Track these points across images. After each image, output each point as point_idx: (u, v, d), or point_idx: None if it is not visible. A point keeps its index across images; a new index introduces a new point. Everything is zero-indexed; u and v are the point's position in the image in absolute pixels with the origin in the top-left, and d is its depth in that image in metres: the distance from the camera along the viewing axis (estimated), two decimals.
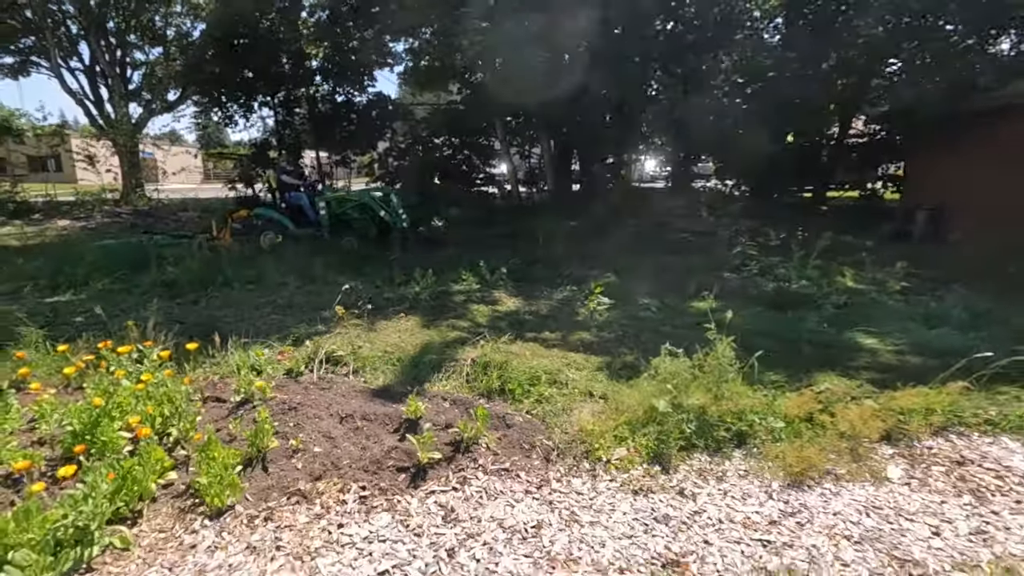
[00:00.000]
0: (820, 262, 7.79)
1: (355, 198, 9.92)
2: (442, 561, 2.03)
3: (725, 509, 2.37)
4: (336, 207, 9.62)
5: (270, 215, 9.71)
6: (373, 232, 9.39)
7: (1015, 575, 1.98)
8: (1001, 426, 3.07)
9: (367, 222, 9.47)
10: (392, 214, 9.40)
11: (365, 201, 9.63)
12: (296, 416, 3.00)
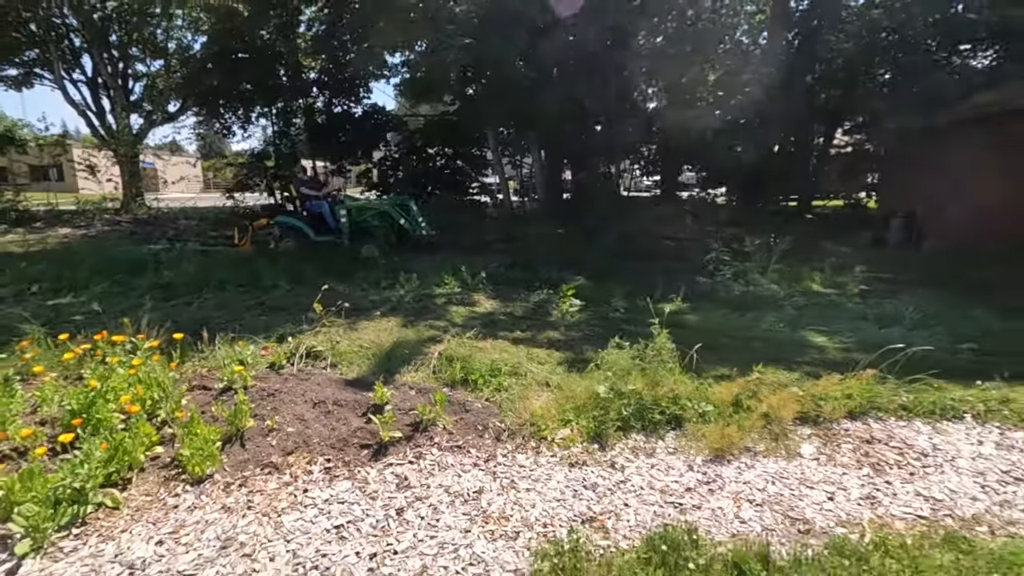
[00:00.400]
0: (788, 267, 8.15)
1: (375, 206, 10.18)
2: (391, 518, 2.33)
3: (648, 479, 2.68)
4: (356, 215, 9.87)
5: (291, 223, 10.02)
6: (392, 239, 9.62)
7: (887, 529, 2.28)
8: (915, 411, 3.38)
9: (386, 229, 9.70)
10: (412, 222, 9.69)
11: (385, 209, 9.89)
12: (274, 401, 3.31)
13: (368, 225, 9.80)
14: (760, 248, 9.02)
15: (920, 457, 2.90)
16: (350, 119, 17.19)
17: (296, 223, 9.98)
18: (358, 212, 9.93)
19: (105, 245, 11.03)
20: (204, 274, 7.61)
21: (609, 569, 1.98)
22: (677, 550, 2.04)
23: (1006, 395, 3.51)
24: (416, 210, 9.88)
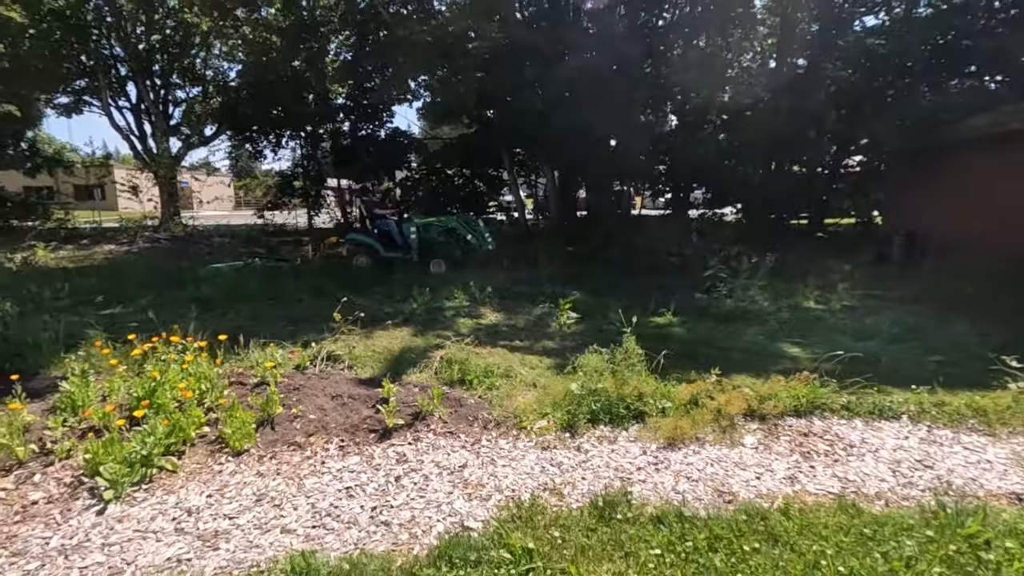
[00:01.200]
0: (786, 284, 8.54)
1: (442, 224, 10.75)
2: (390, 483, 2.89)
3: (607, 460, 3.19)
4: (423, 232, 10.52)
5: (362, 240, 10.76)
6: (457, 254, 10.24)
7: (796, 501, 2.74)
8: (856, 411, 3.82)
9: (451, 245, 10.33)
10: (479, 237, 10.30)
11: (452, 226, 10.49)
12: (299, 395, 3.92)
13: (434, 241, 10.43)
14: (756, 265, 9.44)
15: (847, 448, 3.35)
16: (373, 142, 18.09)
17: (366, 240, 10.68)
18: (425, 229, 10.54)
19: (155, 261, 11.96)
20: (237, 289, 8.37)
21: (556, 520, 2.50)
22: (613, 507, 2.55)
23: (942, 399, 3.93)
24: (483, 226, 10.46)
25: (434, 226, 10.60)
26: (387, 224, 10.83)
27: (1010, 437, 3.48)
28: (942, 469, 3.10)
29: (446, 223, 10.62)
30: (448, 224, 10.55)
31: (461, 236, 10.30)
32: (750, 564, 2.17)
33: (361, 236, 10.89)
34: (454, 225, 10.47)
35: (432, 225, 10.63)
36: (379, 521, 2.56)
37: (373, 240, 10.61)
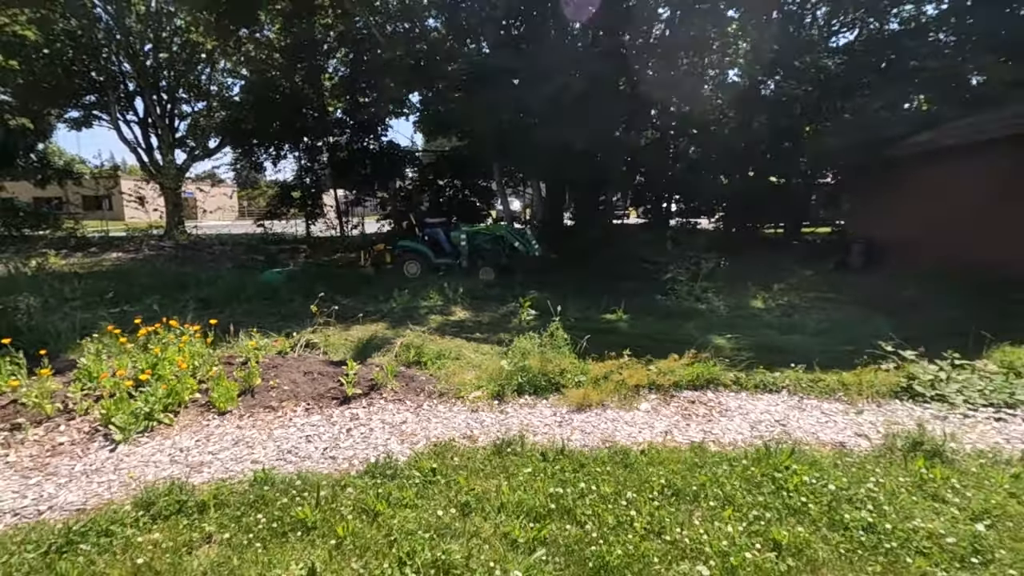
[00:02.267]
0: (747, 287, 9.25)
1: (491, 232, 11.35)
2: (342, 433, 3.63)
3: (521, 419, 3.92)
4: (473, 239, 11.15)
5: (413, 246, 11.29)
6: (504, 261, 10.84)
7: (663, 446, 3.46)
8: (744, 385, 4.54)
9: (498, 253, 10.92)
10: (526, 245, 10.88)
11: (501, 234, 11.08)
12: (276, 372, 4.66)
13: (483, 249, 11.07)
14: (714, 271, 10.19)
15: (724, 412, 4.07)
16: (369, 154, 18.93)
17: (418, 247, 11.23)
18: (474, 237, 11.18)
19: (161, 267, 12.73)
20: (236, 291, 9.15)
21: (463, 454, 3.23)
22: (510, 446, 3.28)
23: (819, 376, 4.64)
24: (530, 235, 11.04)
25: (482, 234, 11.20)
26: (436, 232, 11.34)
27: (859, 403, 4.19)
28: (793, 426, 3.82)
29: (495, 231, 11.19)
30: (497, 232, 11.12)
31: (508, 243, 10.87)
32: (597, 480, 2.89)
33: (412, 243, 11.34)
34: (502, 233, 11.03)
35: (481, 233, 11.24)
36: (328, 456, 3.30)
37: (424, 247, 11.13)
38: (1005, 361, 4.74)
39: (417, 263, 10.98)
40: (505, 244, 10.94)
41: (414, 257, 11.04)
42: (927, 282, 9.24)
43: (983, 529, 2.46)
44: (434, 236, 11.35)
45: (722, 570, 2.20)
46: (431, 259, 10.99)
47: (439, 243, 11.27)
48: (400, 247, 11.39)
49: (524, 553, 2.30)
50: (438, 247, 11.24)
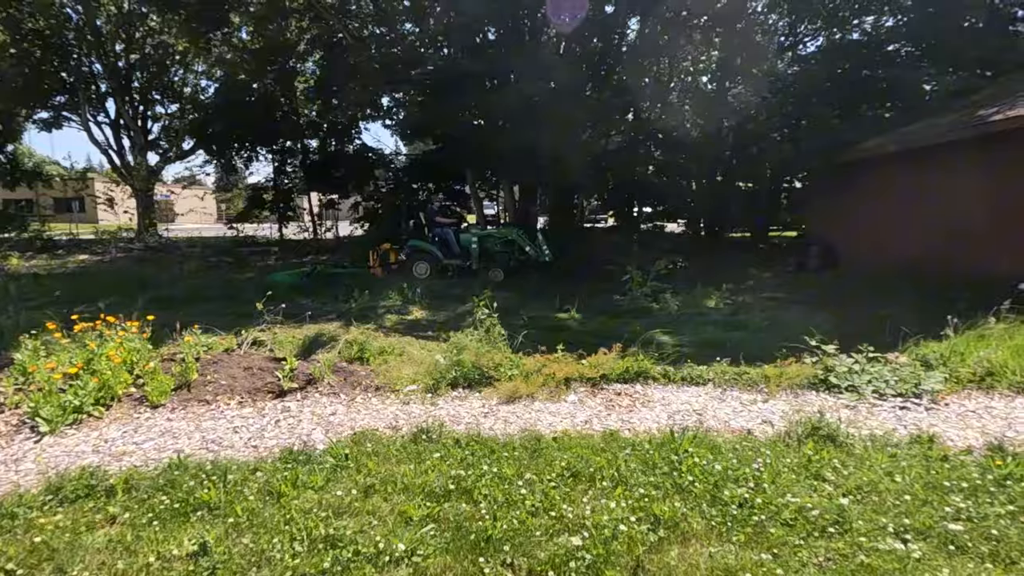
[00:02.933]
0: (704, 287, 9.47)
1: (502, 235, 11.37)
2: (270, 424, 3.73)
3: (450, 410, 4.04)
4: (483, 242, 11.16)
5: (423, 246, 11.25)
6: (514, 264, 10.87)
7: (578, 433, 3.61)
8: (672, 378, 4.72)
9: (509, 255, 10.93)
10: (537, 249, 10.87)
11: (512, 238, 11.07)
12: (217, 367, 4.74)
13: (494, 251, 11.08)
14: (672, 272, 10.43)
15: (646, 402, 4.24)
16: (343, 157, 19.01)
17: (427, 247, 11.21)
18: (484, 239, 11.20)
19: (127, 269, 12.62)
20: (198, 292, 9.17)
21: (381, 441, 3.35)
22: (427, 434, 3.41)
23: (745, 370, 4.84)
24: (541, 239, 11.01)
25: (494, 236, 11.24)
26: (446, 233, 11.33)
27: (778, 395, 4.40)
28: (709, 415, 4.00)
29: (506, 234, 11.21)
30: (508, 236, 11.13)
31: (519, 247, 10.88)
32: (501, 463, 3.03)
33: (422, 243, 11.36)
34: (513, 237, 11.05)
35: (492, 236, 11.27)
36: (251, 445, 3.40)
37: (434, 247, 11.10)
38: (919, 354, 4.98)
39: (427, 264, 10.93)
40: (516, 247, 10.96)
41: (424, 257, 10.99)
42: (874, 282, 9.58)
43: (847, 503, 2.65)
44: (444, 237, 11.32)
45: (596, 541, 2.35)
46: (441, 260, 10.94)
47: (448, 244, 11.25)
48: (410, 247, 11.34)
49: (414, 528, 2.43)
50: (447, 248, 11.22)
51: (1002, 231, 7.70)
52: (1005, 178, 7.75)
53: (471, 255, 11.00)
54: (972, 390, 4.47)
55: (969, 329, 5.39)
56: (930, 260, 8.81)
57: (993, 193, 7.92)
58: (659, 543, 2.38)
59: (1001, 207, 7.76)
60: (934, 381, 4.45)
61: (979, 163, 8.17)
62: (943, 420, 3.90)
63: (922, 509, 2.62)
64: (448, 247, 11.23)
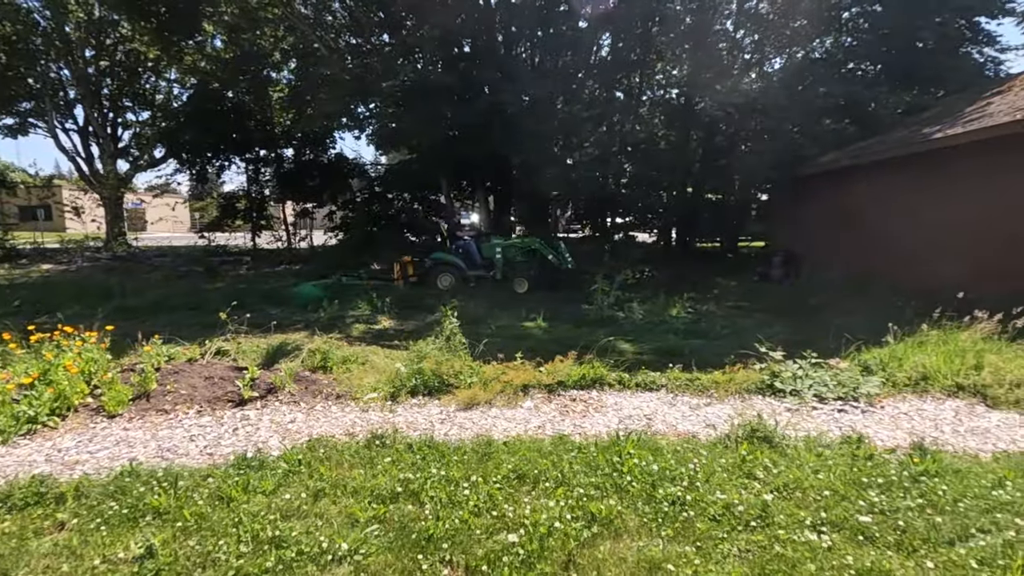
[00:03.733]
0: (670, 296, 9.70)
1: (525, 244, 11.39)
2: (227, 432, 3.78)
3: (409, 417, 4.14)
4: (506, 251, 11.18)
5: (447, 258, 11.24)
6: (536, 273, 10.93)
7: (530, 437, 3.74)
8: (627, 384, 4.89)
9: (532, 265, 11.00)
10: (560, 257, 10.95)
11: (535, 247, 11.12)
12: (178, 377, 4.76)
13: (517, 261, 11.14)
14: (639, 281, 10.70)
15: (600, 408, 4.39)
16: (317, 166, 18.97)
17: (451, 259, 11.22)
18: (507, 249, 11.25)
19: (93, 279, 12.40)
20: (163, 301, 9.09)
21: (336, 448, 3.43)
22: (381, 439, 3.51)
23: (696, 376, 5.03)
24: (564, 248, 11.11)
25: (516, 246, 11.31)
26: (468, 244, 11.41)
27: (726, 400, 4.60)
28: (659, 419, 4.17)
29: (529, 243, 11.27)
30: (531, 245, 11.20)
31: (543, 255, 10.98)
32: (451, 467, 3.15)
33: (446, 255, 11.37)
34: (536, 246, 11.11)
35: (515, 245, 11.35)
36: (206, 453, 3.45)
37: (458, 258, 11.13)
38: (861, 360, 5.24)
39: (451, 275, 10.99)
40: (540, 257, 11.10)
41: (448, 269, 11.05)
42: (832, 291, 9.94)
43: (771, 499, 2.82)
44: (466, 248, 11.41)
45: (532, 537, 2.47)
46: (465, 271, 11.02)
47: (471, 255, 11.32)
48: (434, 259, 11.40)
49: (359, 529, 2.53)
50: (470, 259, 11.29)
51: (945, 243, 8.10)
52: (946, 193, 8.17)
53: (495, 265, 11.10)
54: (907, 393, 4.73)
55: (909, 336, 5.67)
56: (883, 270, 9.20)
57: (936, 207, 8.33)
58: (592, 539, 2.51)
59: (943, 220, 8.17)
60: (871, 385, 4.70)
61: (923, 178, 8.59)
62: (876, 422, 4.13)
63: (840, 503, 2.80)
64: (471, 258, 11.33)
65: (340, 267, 14.18)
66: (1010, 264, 6.95)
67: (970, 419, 4.15)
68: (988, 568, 2.30)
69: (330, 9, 15.16)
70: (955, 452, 3.54)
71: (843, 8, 14.25)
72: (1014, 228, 7.07)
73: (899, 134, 9.68)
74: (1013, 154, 7.09)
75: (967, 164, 7.80)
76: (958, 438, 3.80)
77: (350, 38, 16.00)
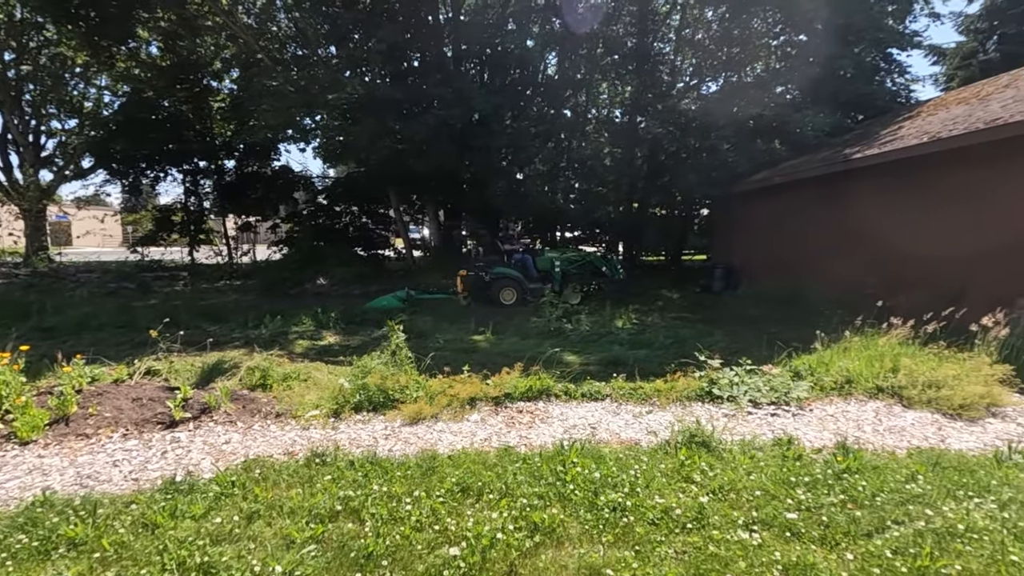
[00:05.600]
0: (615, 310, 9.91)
1: (579, 256, 11.55)
2: (155, 456, 3.58)
3: (352, 434, 4.05)
4: (564, 265, 11.30)
5: (507, 272, 11.28)
6: (592, 285, 11.17)
7: (476, 451, 3.73)
8: (573, 395, 4.96)
9: (586, 277, 11.18)
10: (612, 269, 11.10)
11: (590, 259, 11.31)
12: (102, 399, 4.48)
13: (572, 273, 11.31)
14: (587, 294, 10.93)
15: (546, 419, 4.43)
16: (261, 179, 18.43)
17: (513, 273, 11.28)
18: (565, 263, 11.39)
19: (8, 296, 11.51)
20: (87, 320, 8.55)
21: (273, 468, 3.31)
22: (322, 457, 3.41)
23: (640, 385, 5.16)
24: (615, 259, 11.36)
25: (571, 258, 11.51)
26: (524, 258, 11.58)
27: (668, 407, 4.74)
28: (603, 428, 4.24)
29: (584, 256, 11.48)
30: (586, 258, 11.40)
31: (597, 268, 11.13)
32: (393, 483, 3.10)
33: (507, 270, 11.43)
34: (591, 259, 11.33)
35: (569, 258, 11.54)
36: (131, 478, 3.26)
37: (517, 272, 11.23)
38: (792, 366, 5.53)
39: (513, 290, 11.07)
40: (594, 269, 11.30)
41: (510, 283, 11.14)
42: (767, 301, 10.47)
43: (707, 501, 2.93)
44: (523, 262, 11.62)
45: (474, 550, 2.46)
46: (525, 284, 11.15)
47: (527, 268, 11.54)
48: (495, 274, 11.48)
49: (295, 550, 2.44)
50: (526, 272, 11.50)
51: (866, 255, 8.68)
52: (864, 209, 8.78)
53: (552, 278, 11.27)
54: (834, 396, 5.02)
55: (835, 343, 6.02)
56: (813, 281, 9.76)
57: (857, 222, 8.94)
58: (534, 548, 2.53)
59: (863, 234, 8.77)
60: (801, 390, 4.97)
61: (844, 196, 9.21)
62: (805, 424, 4.36)
63: (771, 503, 2.93)
64: (527, 271, 11.50)
65: (285, 283, 13.80)
66: (920, 274, 7.53)
67: (888, 419, 4.44)
68: (901, 557, 2.46)
69: (274, 19, 14.87)
70: (875, 450, 3.77)
71: (772, 37, 15.20)
72: (923, 241, 7.68)
73: (823, 154, 10.36)
74: (920, 173, 7.73)
75: (882, 183, 8.44)
76: (878, 436, 4.06)
77: (296, 49, 15.71)
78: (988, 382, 4.70)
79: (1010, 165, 6.51)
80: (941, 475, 3.25)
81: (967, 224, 7.04)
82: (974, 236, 6.91)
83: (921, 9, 15.94)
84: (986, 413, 4.48)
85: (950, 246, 7.23)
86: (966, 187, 7.10)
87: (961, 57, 21.13)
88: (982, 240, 6.80)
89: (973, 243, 6.92)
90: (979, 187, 6.93)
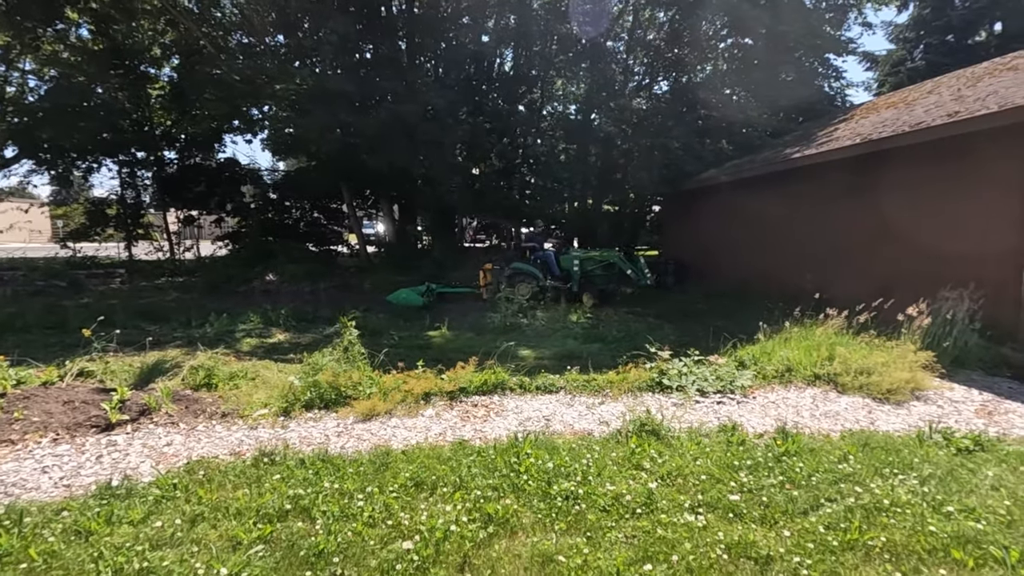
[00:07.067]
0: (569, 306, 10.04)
1: (603, 257, 11.13)
2: (89, 460, 3.40)
3: (302, 432, 3.95)
4: (584, 264, 10.91)
5: (526, 269, 11.05)
6: (612, 287, 10.93)
7: (430, 445, 3.71)
8: (528, 388, 5.00)
9: (609, 278, 10.88)
10: (638, 272, 10.67)
11: (613, 260, 10.88)
12: (29, 403, 4.20)
13: (594, 274, 10.94)
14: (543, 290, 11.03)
15: (500, 412, 4.46)
16: (204, 171, 17.64)
17: (530, 269, 11.05)
18: (585, 262, 11.00)
19: None
20: (11, 320, 8.00)
21: (218, 470, 3.20)
22: (271, 456, 3.32)
23: (593, 377, 5.26)
24: (642, 262, 10.93)
25: (595, 259, 11.17)
26: (547, 255, 11.44)
27: (620, 398, 4.85)
28: (557, 420, 4.30)
29: (608, 257, 11.11)
30: (610, 259, 11.03)
31: (621, 270, 10.82)
32: (345, 479, 3.05)
33: (525, 265, 11.34)
34: (615, 260, 10.95)
35: (593, 258, 11.21)
36: (62, 485, 3.08)
37: (536, 270, 11.05)
38: (737, 356, 5.76)
39: (529, 285, 10.86)
40: (617, 271, 11.02)
41: (527, 279, 10.98)
42: (716, 295, 10.86)
43: (656, 487, 3.02)
44: (545, 259, 11.47)
45: (428, 543, 2.46)
46: (541, 281, 10.96)
47: (549, 266, 11.39)
48: (513, 269, 11.38)
49: (242, 552, 2.38)
50: (548, 270, 11.34)
51: (805, 252, 9.13)
52: (804, 207, 9.23)
53: (572, 277, 11.12)
54: (775, 384, 5.26)
55: (776, 334, 6.31)
56: (757, 276, 10.19)
57: (796, 219, 9.38)
58: (488, 539, 2.55)
59: (802, 232, 9.21)
60: (745, 379, 5.18)
61: (785, 194, 9.65)
62: (749, 411, 4.55)
63: (715, 486, 3.06)
64: (549, 269, 11.37)
65: (231, 280, 13.29)
66: (854, 268, 7.98)
67: (824, 404, 4.70)
68: (833, 531, 2.61)
69: (218, 4, 14.21)
70: (811, 434, 3.98)
71: (720, 39, 15.72)
72: (856, 236, 8.14)
73: (766, 154, 10.81)
74: (854, 172, 8.18)
75: (820, 181, 8.89)
76: (814, 421, 4.29)
77: (241, 37, 15.09)
78: (913, 368, 5.04)
79: (933, 165, 6.98)
80: (870, 455, 3.47)
81: (896, 220, 7.51)
82: (903, 231, 7.37)
83: (855, 19, 16.85)
84: (911, 396, 4.80)
85: (881, 241, 7.69)
86: (896, 185, 7.57)
87: (891, 64, 22.44)
88: (909, 235, 7.27)
89: (901, 237, 7.38)
90: (907, 185, 7.40)
